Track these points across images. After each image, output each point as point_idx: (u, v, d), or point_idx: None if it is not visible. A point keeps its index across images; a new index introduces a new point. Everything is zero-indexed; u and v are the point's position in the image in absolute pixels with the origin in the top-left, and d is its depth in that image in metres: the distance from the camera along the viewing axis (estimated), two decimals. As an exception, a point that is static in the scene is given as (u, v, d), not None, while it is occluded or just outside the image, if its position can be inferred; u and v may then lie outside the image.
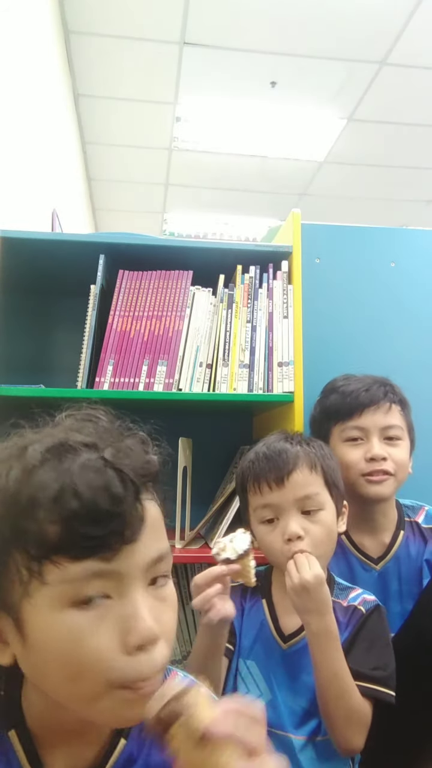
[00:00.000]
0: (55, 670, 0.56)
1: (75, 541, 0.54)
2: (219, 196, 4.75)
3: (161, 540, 0.61)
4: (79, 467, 0.56)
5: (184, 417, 1.75)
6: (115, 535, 0.55)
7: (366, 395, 1.32)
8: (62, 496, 0.54)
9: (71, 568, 0.54)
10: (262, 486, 1.10)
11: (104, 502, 0.55)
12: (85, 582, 0.55)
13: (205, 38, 3.06)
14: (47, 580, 0.54)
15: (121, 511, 0.55)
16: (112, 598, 0.56)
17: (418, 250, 1.76)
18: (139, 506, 0.57)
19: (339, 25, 2.95)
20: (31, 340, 1.84)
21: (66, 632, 0.55)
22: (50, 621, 0.55)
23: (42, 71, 2.51)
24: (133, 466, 0.58)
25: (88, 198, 4.65)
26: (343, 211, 4.94)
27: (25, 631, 0.56)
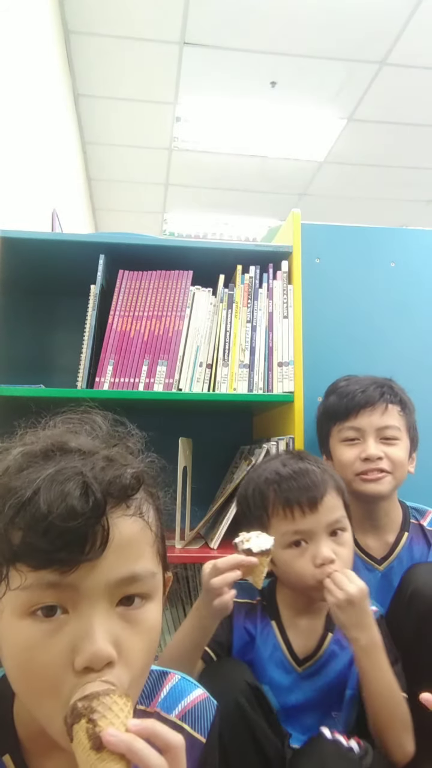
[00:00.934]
0: (17, 680, 0.55)
1: (31, 551, 0.53)
2: (219, 196, 4.75)
3: (136, 560, 0.57)
4: (49, 477, 0.54)
5: (184, 417, 1.75)
6: (70, 551, 0.53)
7: (362, 396, 1.35)
8: (25, 505, 0.53)
9: (29, 576, 0.53)
10: (294, 511, 1.06)
11: (59, 516, 0.52)
12: (39, 591, 0.53)
13: (205, 38, 3.06)
14: (12, 586, 0.54)
15: (77, 527, 0.52)
16: (69, 613, 0.54)
17: (418, 250, 1.75)
18: (105, 523, 0.54)
19: (339, 25, 2.94)
20: (31, 340, 1.84)
21: (21, 642, 0.54)
22: (10, 629, 0.54)
23: (42, 71, 2.51)
24: (104, 479, 0.55)
25: (88, 198, 4.65)
26: (343, 211, 4.93)
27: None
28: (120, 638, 0.55)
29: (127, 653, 0.55)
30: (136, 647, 0.56)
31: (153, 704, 0.71)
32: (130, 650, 0.55)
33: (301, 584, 1.07)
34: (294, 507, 1.06)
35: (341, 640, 1.10)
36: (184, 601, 1.53)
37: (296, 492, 1.06)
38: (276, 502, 1.07)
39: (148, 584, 0.58)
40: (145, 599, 0.58)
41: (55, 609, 0.54)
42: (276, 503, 1.07)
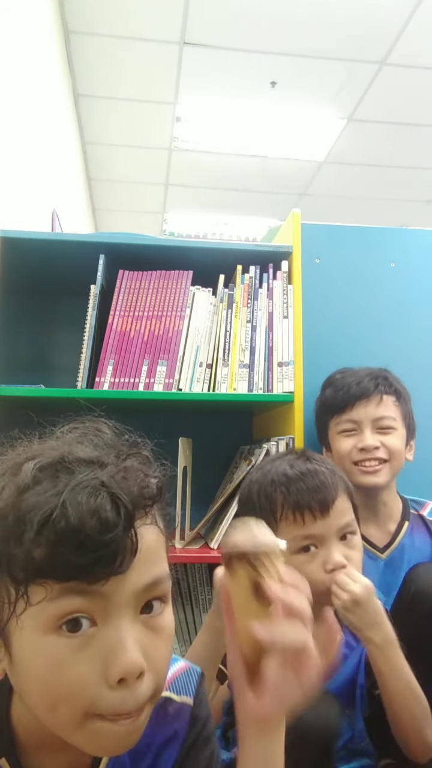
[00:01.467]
0: (36, 694, 0.55)
1: (59, 566, 0.52)
2: (219, 196, 4.75)
3: (157, 565, 0.58)
4: (71, 489, 0.53)
5: (184, 417, 1.75)
6: (102, 564, 0.52)
7: (357, 388, 1.37)
8: (50, 519, 0.52)
9: (55, 588, 0.52)
10: (305, 516, 1.01)
11: (93, 529, 0.51)
12: (67, 600, 0.52)
13: (205, 38, 3.06)
14: (32, 602, 0.53)
15: (110, 540, 0.52)
16: (98, 625, 0.53)
17: (418, 250, 1.76)
18: (133, 534, 0.54)
19: (339, 25, 2.94)
20: (31, 340, 1.84)
21: (48, 658, 0.53)
22: (33, 645, 0.53)
23: (42, 71, 2.51)
24: (129, 491, 0.55)
25: (88, 198, 4.65)
26: (343, 211, 4.93)
27: (12, 650, 0.55)
28: (147, 647, 0.55)
29: (153, 661, 0.55)
30: (161, 654, 0.56)
31: None
32: (156, 657, 0.55)
33: (311, 590, 1.05)
34: (305, 511, 1.00)
35: (349, 641, 1.09)
36: (184, 601, 1.53)
37: (306, 495, 1.01)
38: (285, 506, 1.02)
39: (166, 587, 0.58)
40: (163, 602, 0.58)
41: (80, 624, 0.53)
42: (285, 507, 1.02)
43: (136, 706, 0.53)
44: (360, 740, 1.08)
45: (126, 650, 0.52)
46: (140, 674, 0.53)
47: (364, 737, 1.09)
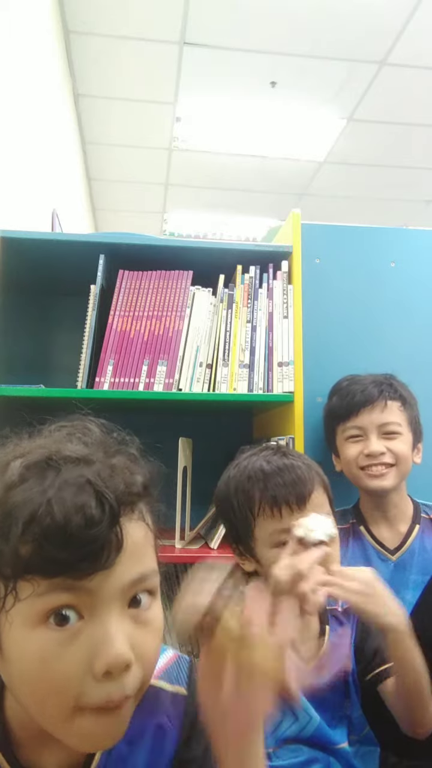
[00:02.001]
0: (25, 688, 0.55)
1: (46, 562, 0.53)
2: (219, 196, 4.75)
3: (144, 562, 0.59)
4: (57, 487, 0.54)
5: (184, 417, 1.75)
6: (87, 560, 0.53)
7: (362, 396, 1.40)
8: (36, 517, 0.53)
9: (42, 584, 0.53)
10: (282, 510, 1.01)
11: (78, 525, 0.52)
12: (54, 595, 0.53)
13: (205, 38, 3.06)
14: (21, 597, 0.53)
15: (95, 536, 0.53)
16: (84, 618, 0.54)
17: (418, 250, 1.75)
18: (118, 530, 0.55)
19: (339, 25, 2.94)
20: (31, 340, 1.84)
21: (35, 652, 0.53)
22: (22, 638, 0.54)
23: (42, 71, 2.51)
24: (115, 488, 0.55)
25: (88, 198, 4.65)
26: (343, 211, 4.93)
27: (2, 645, 0.56)
28: (134, 640, 0.55)
29: (141, 654, 0.56)
30: (149, 647, 0.57)
31: None
32: (144, 650, 0.56)
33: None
34: (282, 505, 1.02)
35: (340, 635, 1.09)
36: (184, 601, 1.53)
37: (283, 489, 1.02)
38: (262, 501, 1.03)
39: (153, 581, 0.59)
40: (151, 596, 0.59)
41: (67, 618, 0.54)
42: (262, 502, 1.03)
43: (122, 697, 0.54)
44: (361, 728, 1.08)
45: (112, 644, 0.53)
46: (127, 666, 0.54)
47: (365, 724, 1.10)
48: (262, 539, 1.04)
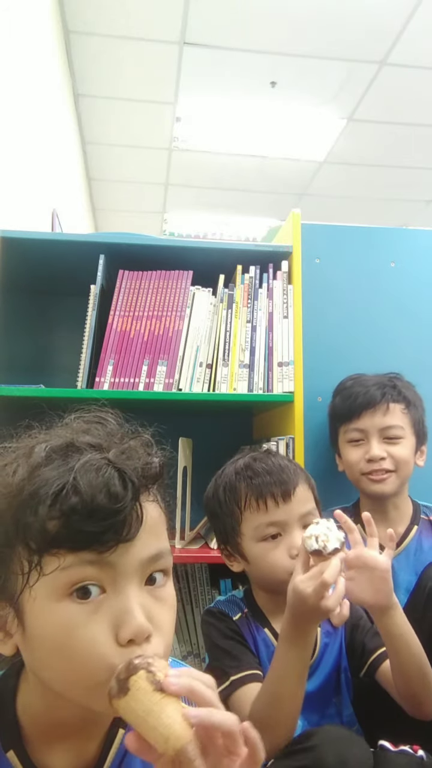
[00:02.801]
0: (54, 659, 0.58)
1: (73, 535, 0.56)
2: (219, 196, 4.75)
3: (160, 539, 0.62)
4: (82, 466, 0.58)
5: (184, 417, 1.75)
6: (112, 532, 0.57)
7: (364, 398, 1.39)
8: (63, 493, 0.56)
9: (68, 558, 0.56)
10: (268, 502, 1.05)
11: (103, 500, 0.56)
12: (79, 569, 0.56)
13: (205, 38, 3.06)
14: (46, 571, 0.57)
15: (119, 510, 0.57)
16: (107, 592, 0.58)
17: (418, 250, 1.76)
18: (138, 507, 0.59)
19: (339, 25, 2.94)
20: (31, 340, 1.84)
21: (61, 622, 0.56)
22: (47, 611, 0.57)
23: (42, 71, 2.51)
24: (134, 467, 0.59)
25: (88, 198, 4.64)
26: (343, 211, 4.93)
27: (25, 621, 0.58)
28: (152, 613, 0.59)
29: (159, 626, 0.59)
30: (165, 620, 0.61)
31: None
32: (161, 623, 0.60)
33: (274, 578, 1.04)
34: (267, 497, 1.04)
35: (329, 630, 1.10)
36: (184, 602, 1.53)
37: (268, 480, 1.05)
38: (248, 495, 1.06)
39: (167, 561, 0.63)
40: (165, 576, 0.63)
41: (89, 592, 0.57)
42: (249, 495, 1.06)
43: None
44: (350, 725, 1.08)
45: (134, 614, 0.57)
46: (148, 636, 0.57)
47: (355, 722, 1.10)
48: (248, 534, 1.06)
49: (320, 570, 0.88)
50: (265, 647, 1.08)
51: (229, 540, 1.10)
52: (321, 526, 0.93)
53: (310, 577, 0.89)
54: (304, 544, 0.92)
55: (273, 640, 1.08)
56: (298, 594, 0.89)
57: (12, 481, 0.59)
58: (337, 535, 0.92)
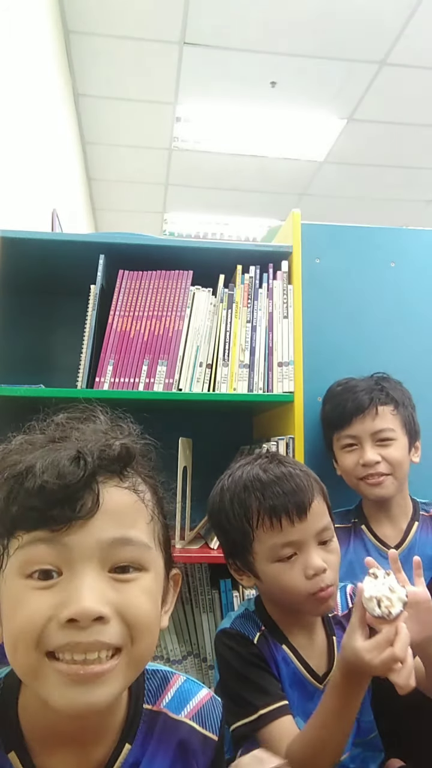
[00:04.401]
0: (5, 633, 0.59)
1: (26, 512, 0.58)
2: (219, 196, 4.75)
3: (128, 527, 0.61)
4: (45, 450, 0.60)
5: (184, 417, 1.75)
6: (59, 508, 0.57)
7: (352, 405, 1.39)
8: (22, 474, 0.58)
9: (24, 537, 0.58)
10: (282, 521, 0.97)
11: (50, 477, 0.57)
12: (33, 547, 0.57)
13: (205, 38, 3.06)
14: (11, 552, 0.59)
15: (66, 486, 0.57)
16: (63, 574, 0.58)
17: (418, 250, 1.75)
18: (96, 486, 0.59)
19: (339, 25, 2.94)
20: (31, 340, 1.84)
21: (12, 597, 0.58)
22: (8, 589, 0.59)
23: (42, 71, 2.51)
24: (91, 449, 0.60)
25: (88, 198, 4.65)
26: (343, 211, 4.93)
27: (0, 607, 0.61)
28: (112, 598, 0.58)
29: (124, 611, 0.58)
30: (133, 604, 0.59)
31: (158, 703, 0.72)
32: (127, 608, 0.58)
33: (289, 599, 1.00)
34: (282, 516, 0.96)
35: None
36: (184, 602, 1.53)
37: (282, 499, 0.97)
38: (261, 512, 0.98)
39: (141, 553, 0.61)
40: (140, 571, 0.61)
41: (50, 576, 0.58)
42: (261, 513, 0.98)
43: (90, 646, 0.56)
44: (368, 733, 1.06)
45: (81, 595, 0.56)
46: (99, 619, 0.56)
47: (374, 729, 1.07)
48: (262, 553, 0.99)
49: (387, 639, 0.82)
50: (285, 665, 1.03)
51: (239, 556, 1.04)
52: (381, 584, 0.85)
53: (376, 647, 0.83)
54: (364, 605, 0.85)
55: (292, 656, 1.04)
56: (363, 663, 0.83)
57: None
58: (400, 594, 0.84)
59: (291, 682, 1.03)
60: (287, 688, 1.02)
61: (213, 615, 1.50)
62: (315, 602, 0.97)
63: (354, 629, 0.86)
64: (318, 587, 0.96)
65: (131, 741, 0.66)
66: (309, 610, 1.01)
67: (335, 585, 0.99)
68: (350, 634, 0.87)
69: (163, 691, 0.73)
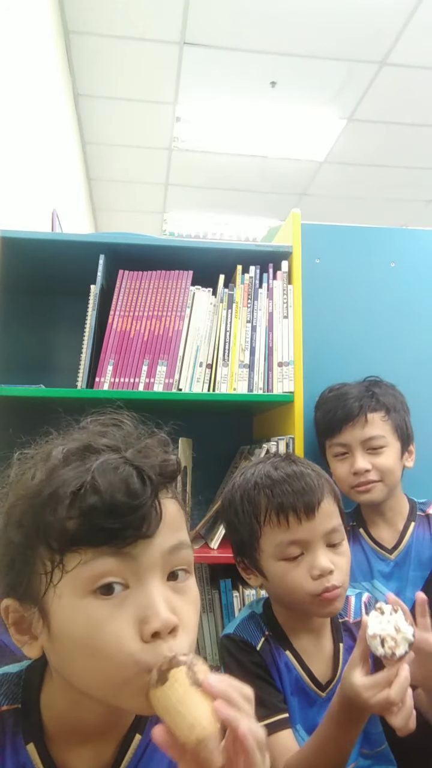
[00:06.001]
0: (80, 657, 0.58)
1: (93, 533, 0.57)
2: (219, 196, 4.74)
3: (179, 532, 0.63)
4: (100, 465, 0.59)
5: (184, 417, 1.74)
6: (132, 528, 0.58)
7: (342, 413, 1.38)
8: (82, 492, 0.57)
9: (89, 553, 0.57)
10: (290, 518, 0.96)
11: (122, 497, 0.57)
12: (100, 562, 0.57)
13: (205, 38, 3.06)
14: (68, 568, 0.57)
15: (138, 506, 0.58)
16: (130, 587, 0.58)
17: (418, 250, 1.75)
18: (157, 503, 0.60)
19: (339, 25, 2.94)
20: (31, 340, 1.84)
21: (86, 618, 0.57)
22: (71, 609, 0.58)
23: (42, 71, 2.51)
24: (152, 465, 0.61)
25: (88, 198, 4.64)
26: (343, 211, 4.93)
27: (50, 621, 0.59)
28: (176, 607, 0.59)
29: (183, 620, 0.59)
30: (189, 614, 0.61)
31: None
32: (185, 617, 0.60)
33: (294, 599, 0.99)
34: (289, 513, 0.96)
35: (353, 646, 1.07)
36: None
37: (291, 497, 0.97)
38: (269, 509, 0.98)
39: (188, 554, 0.64)
40: (187, 573, 0.63)
41: (113, 588, 0.58)
42: (269, 510, 0.98)
43: (175, 658, 0.56)
44: (377, 743, 1.04)
45: (159, 607, 0.57)
46: (173, 629, 0.57)
47: (383, 741, 1.05)
48: (268, 551, 0.99)
49: (387, 679, 0.80)
50: (288, 671, 1.02)
51: (247, 554, 1.04)
52: (386, 622, 0.81)
53: (374, 685, 0.80)
54: (367, 642, 0.82)
55: (295, 663, 1.03)
56: (360, 700, 0.81)
57: (31, 484, 0.61)
58: (406, 635, 0.80)
59: (293, 689, 1.02)
60: (288, 695, 1.01)
61: (213, 615, 1.50)
62: (320, 603, 0.96)
63: (354, 664, 0.84)
64: (323, 588, 0.95)
65: (141, 731, 0.68)
66: (314, 612, 1.00)
67: (344, 588, 0.98)
68: (350, 667, 0.85)
69: None
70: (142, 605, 0.57)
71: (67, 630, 0.58)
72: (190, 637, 0.60)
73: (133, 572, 0.58)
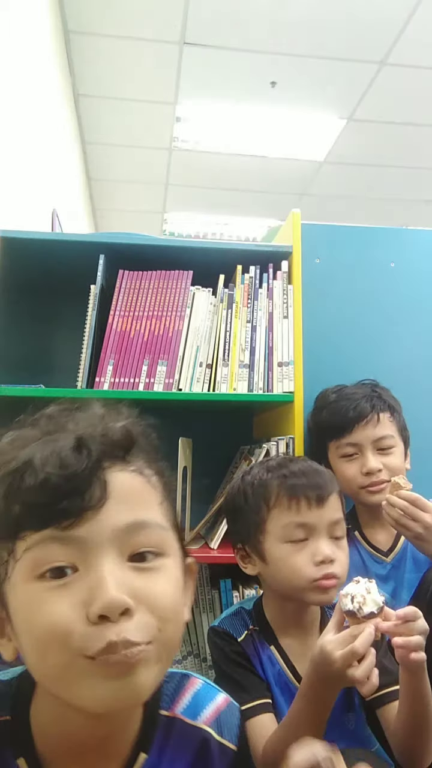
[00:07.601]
0: (26, 644, 0.55)
1: (32, 510, 0.54)
2: (219, 196, 4.74)
3: (140, 510, 0.58)
4: (41, 442, 0.56)
5: (184, 417, 1.75)
6: (70, 501, 0.53)
7: (354, 412, 1.38)
8: (21, 471, 0.54)
9: (33, 537, 0.54)
10: (300, 503, 1.01)
11: (53, 469, 0.54)
12: (44, 547, 0.53)
13: (205, 38, 3.06)
14: (17, 556, 0.54)
15: (70, 476, 0.54)
16: (79, 570, 0.54)
17: (418, 250, 1.76)
18: (101, 473, 0.55)
19: (339, 25, 2.94)
20: (31, 340, 1.84)
21: (31, 601, 0.53)
22: (20, 594, 0.54)
23: (42, 71, 2.51)
24: (92, 434, 0.57)
25: (88, 198, 4.64)
26: (343, 211, 4.93)
27: (10, 616, 0.56)
28: (136, 587, 0.54)
29: (148, 600, 0.54)
30: (157, 591, 0.56)
31: (173, 709, 0.68)
32: (151, 596, 0.55)
33: (291, 583, 1.01)
34: (300, 498, 1.01)
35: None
36: (184, 601, 1.53)
37: (304, 482, 1.02)
38: (280, 492, 1.02)
39: (157, 536, 0.58)
40: (158, 556, 0.58)
41: (64, 573, 0.54)
42: (280, 493, 1.02)
43: (124, 641, 0.52)
44: (370, 747, 1.03)
45: (106, 588, 0.52)
46: (125, 611, 0.52)
47: (375, 743, 1.05)
48: (274, 533, 1.02)
49: (352, 634, 0.82)
50: (271, 665, 1.04)
51: (250, 537, 1.06)
52: (360, 586, 0.85)
53: (339, 641, 0.83)
54: (339, 602, 0.86)
55: (278, 657, 1.05)
56: (325, 655, 0.83)
57: None
58: (375, 598, 0.84)
59: (276, 682, 1.03)
60: (272, 688, 1.02)
61: (213, 615, 1.50)
62: (316, 590, 0.99)
63: (328, 630, 0.87)
64: (323, 573, 0.98)
65: (147, 750, 0.63)
66: (308, 599, 1.01)
67: (341, 581, 1.00)
68: (323, 634, 0.87)
69: (179, 696, 0.69)
70: (90, 586, 0.53)
71: (18, 617, 0.55)
72: (158, 615, 0.54)
73: (81, 553, 0.54)
